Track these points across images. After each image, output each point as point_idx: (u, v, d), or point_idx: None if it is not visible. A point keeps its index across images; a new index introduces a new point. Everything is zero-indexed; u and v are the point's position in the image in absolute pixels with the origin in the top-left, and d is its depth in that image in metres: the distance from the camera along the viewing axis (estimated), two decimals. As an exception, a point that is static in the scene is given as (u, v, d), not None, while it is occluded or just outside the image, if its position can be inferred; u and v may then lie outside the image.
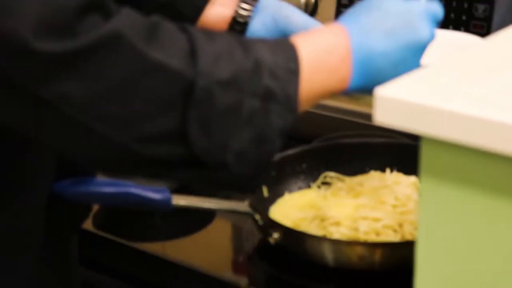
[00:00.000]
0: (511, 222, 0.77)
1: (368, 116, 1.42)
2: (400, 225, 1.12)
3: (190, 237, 1.21)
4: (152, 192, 1.07)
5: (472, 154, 0.76)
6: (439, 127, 0.76)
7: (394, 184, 1.20)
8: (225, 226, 1.23)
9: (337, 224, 1.13)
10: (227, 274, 1.11)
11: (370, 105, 0.80)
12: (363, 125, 1.53)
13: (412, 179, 1.22)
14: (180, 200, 1.08)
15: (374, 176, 1.24)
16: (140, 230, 1.19)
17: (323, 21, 1.59)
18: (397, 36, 0.91)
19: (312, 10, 1.60)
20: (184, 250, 1.16)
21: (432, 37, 0.94)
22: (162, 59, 0.81)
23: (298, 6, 1.59)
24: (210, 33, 0.85)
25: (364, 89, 0.92)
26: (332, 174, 1.27)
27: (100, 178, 1.07)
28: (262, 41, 0.88)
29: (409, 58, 0.92)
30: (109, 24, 0.80)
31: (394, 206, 1.15)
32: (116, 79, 0.80)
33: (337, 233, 1.11)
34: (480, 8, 1.41)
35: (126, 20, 0.81)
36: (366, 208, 1.15)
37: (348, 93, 0.93)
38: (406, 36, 0.92)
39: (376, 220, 1.12)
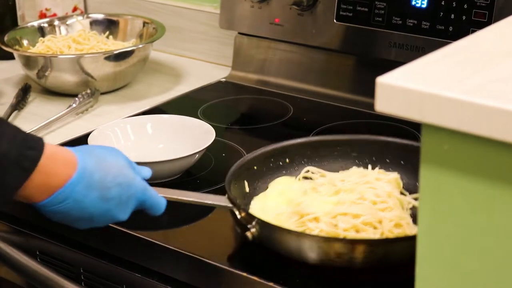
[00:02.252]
0: (512, 209, 0.77)
1: (370, 105, 1.42)
2: (380, 222, 1.10)
3: (191, 225, 1.21)
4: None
5: (472, 141, 0.76)
6: (440, 115, 0.76)
7: (375, 181, 1.18)
8: (226, 215, 1.23)
9: (316, 220, 1.11)
10: (228, 262, 1.11)
11: None
12: (365, 113, 1.53)
13: (393, 175, 1.20)
14: (163, 194, 1.08)
15: (355, 172, 1.22)
16: (143, 219, 1.19)
17: (323, 15, 1.60)
18: (103, 209, 1.05)
19: (313, 0, 1.60)
20: (186, 239, 1.16)
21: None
22: None
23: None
24: None
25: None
26: (314, 169, 1.25)
27: None
28: (12, 129, 0.98)
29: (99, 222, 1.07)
30: None
31: (374, 203, 1.13)
32: None
33: (316, 229, 1.09)
34: (482, -3, 1.41)
35: None
36: (345, 204, 1.13)
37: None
38: (107, 215, 1.06)
39: (356, 216, 1.10)
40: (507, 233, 0.78)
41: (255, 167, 1.22)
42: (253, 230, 1.08)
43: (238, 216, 1.10)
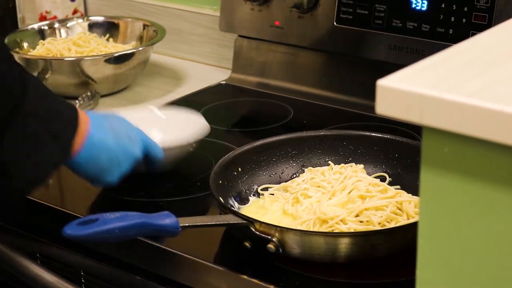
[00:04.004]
0: (512, 212, 0.77)
1: (370, 107, 1.42)
2: (400, 208, 1.14)
3: (192, 228, 1.21)
4: (161, 219, 1.07)
5: (473, 144, 0.76)
6: (441, 118, 0.76)
7: (354, 173, 1.21)
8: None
9: (343, 221, 1.12)
10: (229, 264, 1.11)
11: None
12: (365, 116, 1.53)
13: (360, 166, 1.24)
14: (185, 222, 1.07)
15: (325, 171, 1.24)
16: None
17: (324, 17, 1.60)
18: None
19: (313, 3, 1.60)
20: (186, 241, 1.16)
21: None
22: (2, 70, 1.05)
23: (300, 0, 1.59)
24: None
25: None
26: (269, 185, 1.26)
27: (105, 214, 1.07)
28: (51, 95, 1.14)
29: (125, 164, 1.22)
30: None
31: (381, 192, 1.17)
32: None
33: (348, 230, 1.11)
34: (482, -1, 1.41)
35: None
36: (358, 201, 1.15)
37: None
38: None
39: (379, 208, 1.13)
40: (509, 236, 0.78)
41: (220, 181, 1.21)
42: (274, 240, 1.06)
43: (254, 230, 1.08)
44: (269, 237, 1.07)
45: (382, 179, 1.24)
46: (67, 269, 1.26)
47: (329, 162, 1.27)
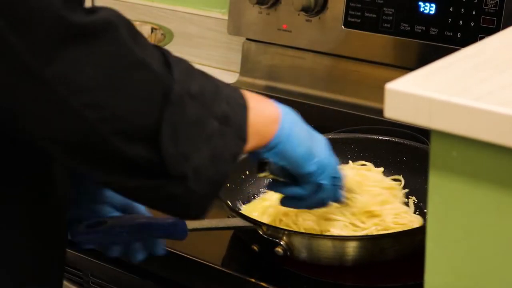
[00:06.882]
0: (521, 216, 0.77)
1: (378, 111, 1.42)
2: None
3: (200, 232, 1.21)
4: (169, 221, 1.06)
5: (482, 148, 0.76)
6: (449, 121, 0.76)
7: (366, 171, 1.22)
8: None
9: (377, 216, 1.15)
10: (237, 268, 1.11)
11: None
12: (374, 119, 1.53)
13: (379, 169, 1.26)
14: (193, 225, 1.07)
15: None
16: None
17: (331, 21, 1.60)
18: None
19: (321, 6, 1.60)
20: (194, 245, 1.16)
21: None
22: (146, 58, 0.86)
23: (308, 2, 1.59)
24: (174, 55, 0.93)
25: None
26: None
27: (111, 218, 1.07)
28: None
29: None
30: (101, 13, 0.84)
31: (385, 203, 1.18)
32: (109, 68, 0.84)
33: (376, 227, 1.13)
34: (490, 3, 1.41)
35: (114, 13, 0.86)
36: (387, 203, 1.17)
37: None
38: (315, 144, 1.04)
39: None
40: (516, 240, 0.78)
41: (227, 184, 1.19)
42: (282, 243, 1.06)
43: (261, 233, 1.08)
44: (277, 240, 1.07)
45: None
46: (75, 272, 1.26)
47: None
